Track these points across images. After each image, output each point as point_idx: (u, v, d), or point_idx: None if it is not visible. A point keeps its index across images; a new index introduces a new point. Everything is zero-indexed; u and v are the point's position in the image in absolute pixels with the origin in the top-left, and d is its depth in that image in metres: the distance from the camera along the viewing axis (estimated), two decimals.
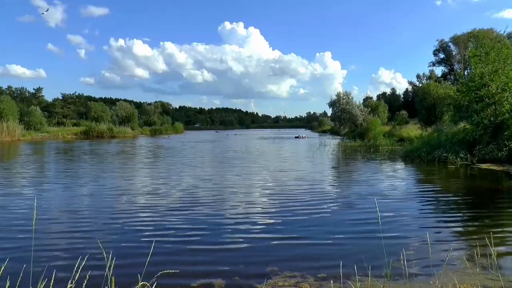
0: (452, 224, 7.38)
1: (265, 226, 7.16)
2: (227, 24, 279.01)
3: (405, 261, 4.92)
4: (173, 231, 6.83)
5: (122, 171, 16.32)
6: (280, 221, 7.54)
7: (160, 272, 3.01)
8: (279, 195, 10.33)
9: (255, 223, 7.39)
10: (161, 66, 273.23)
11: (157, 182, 12.86)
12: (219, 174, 15.28)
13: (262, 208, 8.77)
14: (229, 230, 6.97)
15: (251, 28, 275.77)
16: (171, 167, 17.77)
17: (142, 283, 2.80)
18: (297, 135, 60.69)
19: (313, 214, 8.03)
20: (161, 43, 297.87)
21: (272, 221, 7.56)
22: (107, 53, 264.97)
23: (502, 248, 5.73)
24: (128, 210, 8.62)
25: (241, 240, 6.35)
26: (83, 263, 2.95)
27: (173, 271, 3.36)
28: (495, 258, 3.89)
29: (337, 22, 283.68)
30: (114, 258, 2.96)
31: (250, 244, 6.11)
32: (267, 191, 10.93)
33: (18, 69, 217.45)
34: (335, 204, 9.09)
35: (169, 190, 11.17)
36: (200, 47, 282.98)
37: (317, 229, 6.89)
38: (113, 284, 2.51)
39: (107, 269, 2.80)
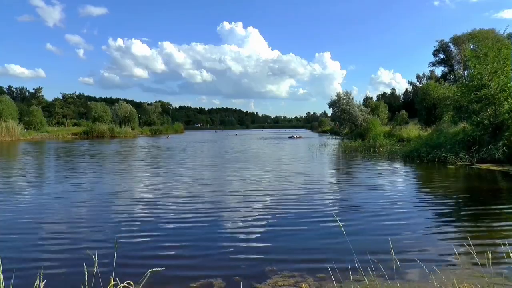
0: (452, 224, 7.38)
1: (265, 227, 7.17)
2: (226, 24, 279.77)
3: (404, 261, 4.93)
4: (172, 230, 6.84)
5: (118, 174, 16.32)
6: (280, 221, 7.56)
7: (149, 270, 2.99)
8: (279, 197, 10.34)
9: (255, 224, 7.39)
10: (160, 66, 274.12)
11: (154, 187, 12.85)
12: (219, 176, 15.29)
13: (262, 209, 8.77)
14: (229, 230, 6.97)
15: (250, 28, 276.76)
16: (168, 170, 17.77)
17: (130, 282, 2.79)
18: (291, 136, 58.43)
19: (313, 214, 8.03)
20: (160, 43, 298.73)
21: (272, 221, 7.57)
22: (106, 53, 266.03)
23: (501, 248, 5.73)
24: (125, 212, 8.61)
25: (241, 240, 6.35)
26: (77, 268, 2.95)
27: (161, 268, 3.35)
28: (494, 258, 3.89)
29: (336, 22, 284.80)
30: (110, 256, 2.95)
31: (250, 244, 6.12)
32: (267, 193, 10.93)
33: (17, 69, 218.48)
34: (334, 206, 9.11)
35: (168, 190, 11.17)
36: (199, 47, 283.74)
37: (317, 230, 6.90)
38: (112, 283, 2.51)
39: (96, 268, 2.79)
